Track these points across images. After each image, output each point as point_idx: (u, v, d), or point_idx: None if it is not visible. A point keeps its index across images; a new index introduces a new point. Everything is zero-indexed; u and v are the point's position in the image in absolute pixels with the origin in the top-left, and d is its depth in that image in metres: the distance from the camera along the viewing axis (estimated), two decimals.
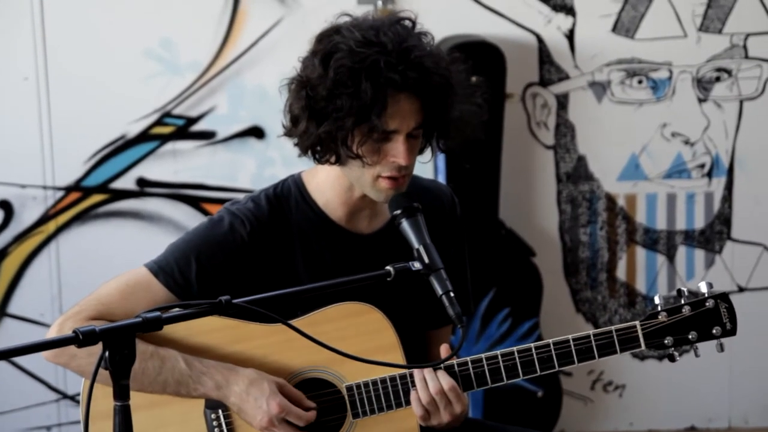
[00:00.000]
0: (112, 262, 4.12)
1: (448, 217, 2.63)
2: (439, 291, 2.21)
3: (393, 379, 2.43)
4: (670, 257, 4.54)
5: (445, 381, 2.40)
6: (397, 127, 2.35)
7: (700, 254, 4.55)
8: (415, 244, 2.26)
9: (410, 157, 2.38)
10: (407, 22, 2.40)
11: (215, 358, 2.42)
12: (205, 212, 4.37)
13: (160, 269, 2.44)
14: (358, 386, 2.44)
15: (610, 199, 4.51)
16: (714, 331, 2.45)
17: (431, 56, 2.36)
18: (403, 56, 2.32)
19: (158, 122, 4.34)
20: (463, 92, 2.43)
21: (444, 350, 2.42)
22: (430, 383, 2.40)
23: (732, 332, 2.46)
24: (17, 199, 4.34)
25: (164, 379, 2.37)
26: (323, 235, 2.52)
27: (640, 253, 4.54)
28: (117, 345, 1.88)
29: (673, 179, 4.50)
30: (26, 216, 4.35)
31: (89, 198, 4.36)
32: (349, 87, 2.30)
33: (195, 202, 4.39)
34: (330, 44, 2.35)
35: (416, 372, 2.41)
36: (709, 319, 2.45)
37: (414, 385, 2.42)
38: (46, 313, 4.36)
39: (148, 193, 4.38)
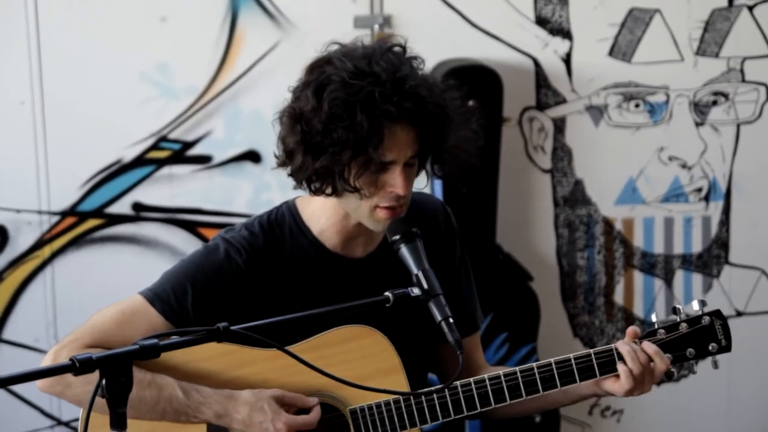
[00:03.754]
0: (108, 288, 4.12)
1: (444, 229, 2.62)
2: (438, 317, 2.19)
3: (397, 401, 2.42)
4: (668, 281, 4.53)
5: (651, 349, 2.44)
6: (394, 158, 2.33)
7: (697, 278, 4.54)
8: (414, 269, 2.24)
9: (408, 186, 2.37)
10: (398, 49, 2.38)
11: (215, 384, 2.40)
12: (202, 237, 4.35)
13: (156, 297, 2.42)
14: (362, 410, 2.42)
15: (608, 223, 4.50)
16: (710, 348, 2.48)
17: (425, 85, 2.34)
18: (398, 86, 2.30)
19: (154, 146, 4.33)
20: (458, 119, 2.42)
21: (630, 332, 2.48)
22: (640, 354, 2.43)
23: (727, 348, 2.49)
24: (12, 223, 4.32)
25: (162, 408, 2.36)
26: (318, 263, 2.51)
27: (638, 277, 4.53)
28: (114, 373, 1.86)
29: (670, 203, 4.49)
30: (21, 241, 4.33)
31: (85, 223, 4.34)
32: (344, 120, 2.28)
33: (191, 227, 4.37)
34: (322, 75, 2.32)
35: (621, 345, 2.43)
36: (705, 335, 2.48)
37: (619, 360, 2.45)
38: (41, 338, 4.33)
39: (144, 218, 4.36)
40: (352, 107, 2.28)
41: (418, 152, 2.37)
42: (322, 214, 2.50)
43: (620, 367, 2.45)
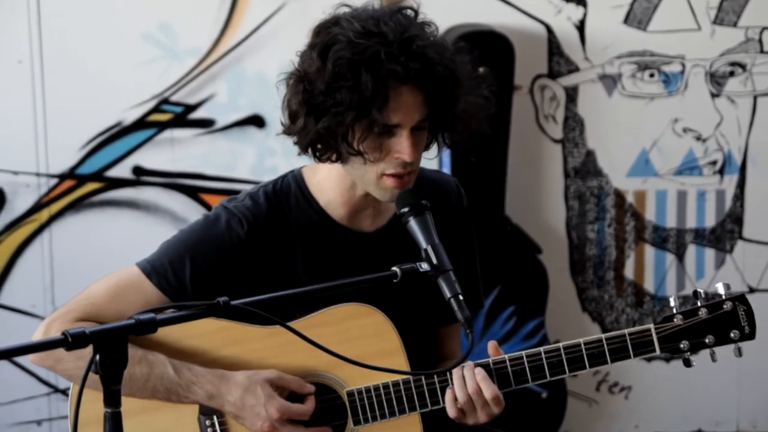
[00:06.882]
0: (107, 253, 4.15)
1: (455, 209, 2.57)
2: (448, 294, 2.12)
3: (396, 384, 2.36)
4: (680, 256, 4.49)
5: (480, 375, 2.33)
6: (400, 121, 2.28)
7: (710, 253, 4.50)
8: (423, 244, 2.16)
9: (415, 152, 2.31)
10: (409, 12, 2.34)
11: (210, 361, 2.35)
12: (203, 202, 4.31)
13: (153, 269, 2.37)
14: (360, 392, 2.37)
15: (619, 196, 4.46)
16: (732, 335, 2.39)
17: (435, 46, 2.30)
18: (405, 47, 2.25)
19: (156, 109, 4.28)
20: (469, 84, 2.36)
21: (492, 348, 2.37)
22: (468, 381, 2.33)
23: (751, 336, 2.41)
24: (9, 186, 4.27)
25: (153, 386, 2.30)
26: (324, 235, 2.45)
27: (649, 251, 4.49)
28: (108, 348, 1.79)
29: (683, 176, 4.46)
30: (18, 204, 4.28)
31: (84, 186, 4.30)
32: (348, 80, 2.23)
33: (193, 192, 4.33)
34: (328, 36, 2.28)
35: (455, 370, 2.34)
36: (726, 322, 2.39)
37: (450, 384, 2.35)
38: (37, 304, 4.29)
39: (144, 182, 4.32)
40: (357, 67, 2.23)
41: (426, 117, 2.31)
42: (328, 184, 2.44)
43: (447, 392, 2.36)
